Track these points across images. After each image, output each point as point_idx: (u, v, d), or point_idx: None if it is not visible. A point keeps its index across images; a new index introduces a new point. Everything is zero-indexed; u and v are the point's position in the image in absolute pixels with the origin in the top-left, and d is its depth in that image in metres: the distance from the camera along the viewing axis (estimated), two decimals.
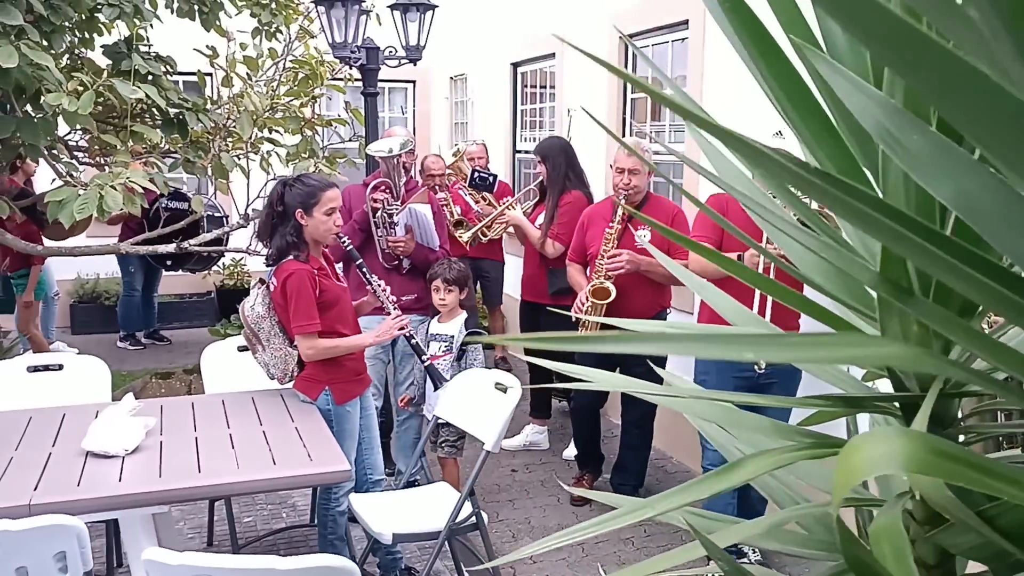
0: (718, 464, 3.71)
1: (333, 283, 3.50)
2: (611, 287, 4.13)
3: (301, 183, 3.41)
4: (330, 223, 3.41)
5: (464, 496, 3.31)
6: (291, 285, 3.34)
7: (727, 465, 1.00)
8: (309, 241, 3.41)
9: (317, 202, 3.37)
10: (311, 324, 3.36)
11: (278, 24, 5.17)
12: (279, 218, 3.41)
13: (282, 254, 3.39)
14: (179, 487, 2.68)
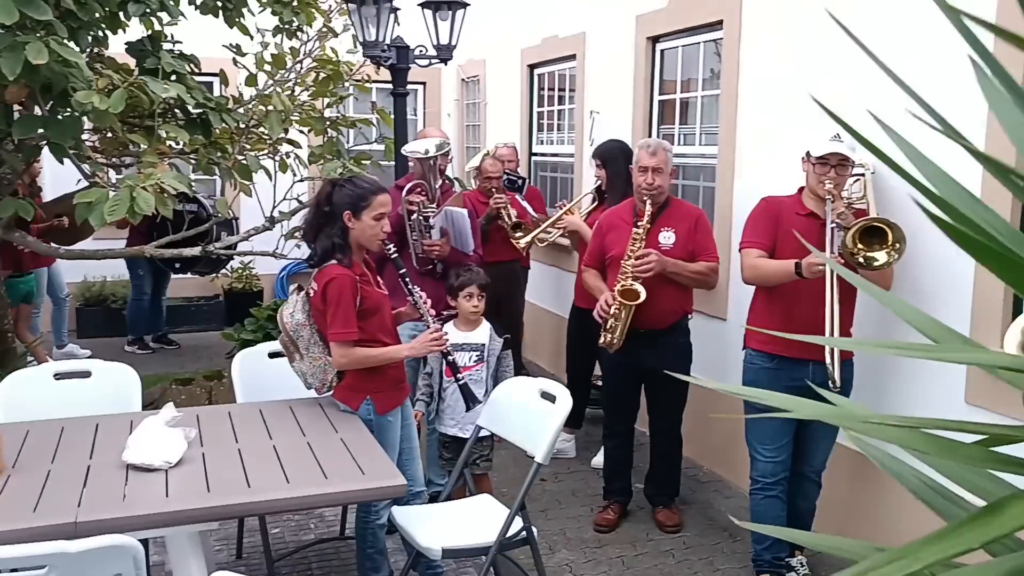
0: (770, 477, 3.65)
1: (375, 290, 3.39)
2: (640, 288, 4.02)
3: (352, 184, 3.30)
4: (378, 228, 3.30)
5: (515, 510, 3.20)
6: (332, 290, 3.23)
7: (989, 507, 0.89)
8: (354, 245, 3.30)
9: (368, 205, 3.26)
10: (349, 332, 3.24)
11: (300, 23, 5.05)
12: (325, 218, 3.30)
13: (326, 256, 3.28)
14: (231, 503, 2.57)
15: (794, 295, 3.57)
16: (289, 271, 9.05)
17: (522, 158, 7.37)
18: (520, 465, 5.17)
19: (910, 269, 3.59)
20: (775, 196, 3.78)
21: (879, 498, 3.93)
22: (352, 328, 3.22)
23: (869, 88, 3.90)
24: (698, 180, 5.38)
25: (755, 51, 4.63)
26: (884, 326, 3.83)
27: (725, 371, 4.96)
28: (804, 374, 3.61)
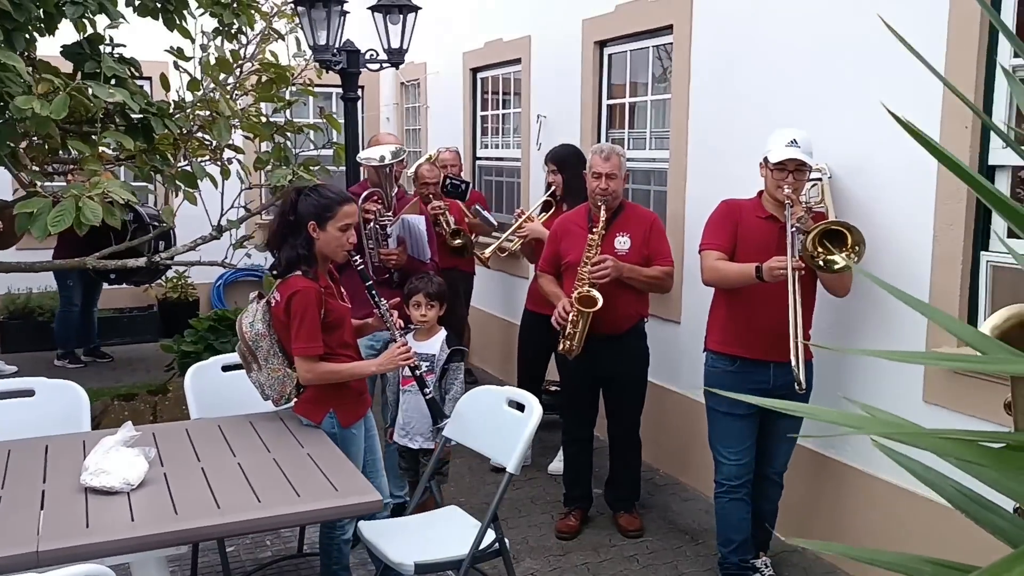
0: (735, 479, 3.67)
1: (339, 303, 3.31)
2: (597, 295, 4.02)
3: (317, 193, 3.22)
4: (344, 239, 3.23)
5: (488, 522, 3.15)
6: (297, 303, 3.13)
7: None
8: (319, 256, 3.21)
9: (333, 216, 3.18)
10: (314, 347, 3.15)
11: (240, 25, 4.92)
12: (290, 228, 3.20)
13: (291, 267, 3.18)
14: (201, 526, 2.46)
15: (755, 298, 3.60)
16: (226, 280, 8.84)
17: (465, 162, 7.32)
18: (475, 474, 5.13)
19: (870, 269, 3.64)
20: (735, 199, 3.81)
21: (837, 498, 3.99)
22: (317, 343, 3.13)
23: (820, 88, 3.97)
24: (648, 184, 5.40)
25: (706, 55, 4.67)
26: (840, 328, 3.90)
27: (678, 374, 5.00)
28: (766, 376, 3.65)
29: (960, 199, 3.34)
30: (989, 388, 3.23)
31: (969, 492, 1.19)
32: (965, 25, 3.29)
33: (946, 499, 1.18)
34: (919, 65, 3.54)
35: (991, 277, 3.34)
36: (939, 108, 3.42)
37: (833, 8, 3.89)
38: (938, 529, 3.51)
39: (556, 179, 4.91)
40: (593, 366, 4.19)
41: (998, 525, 1.14)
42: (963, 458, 1.00)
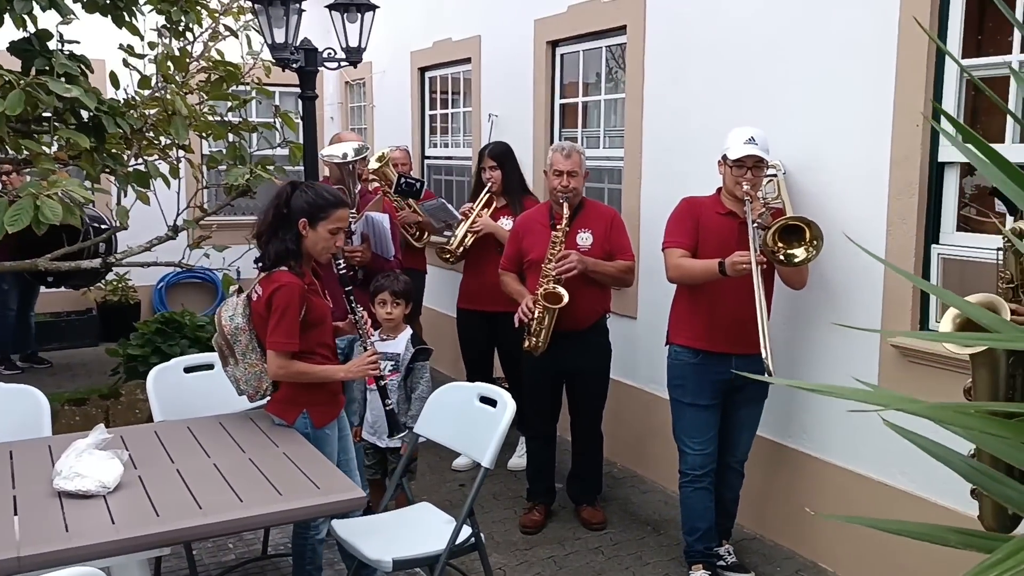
0: (699, 469, 3.76)
1: (321, 301, 3.29)
2: (563, 291, 4.07)
3: (314, 191, 3.19)
4: (332, 243, 3.21)
5: (464, 517, 3.17)
6: (279, 298, 3.10)
7: None
8: (305, 254, 3.19)
9: (326, 217, 3.17)
10: (290, 343, 3.13)
11: (188, 22, 4.85)
12: (281, 221, 3.17)
13: (279, 261, 3.15)
14: (184, 527, 2.43)
15: (716, 292, 3.69)
16: (168, 282, 8.67)
17: (415, 161, 7.31)
18: (436, 471, 5.15)
19: (825, 263, 3.77)
20: (695, 196, 3.89)
21: (794, 485, 4.11)
22: (294, 339, 3.11)
23: (773, 87, 4.08)
24: (603, 182, 5.47)
25: (660, 55, 4.75)
26: (798, 318, 4.01)
27: (635, 368, 5.08)
28: (728, 368, 3.74)
29: (912, 194, 3.48)
30: (942, 373, 3.38)
31: (980, 466, 1.26)
32: (915, 27, 3.42)
33: (957, 472, 1.24)
34: (871, 64, 3.68)
35: (942, 269, 3.48)
36: (891, 106, 3.55)
37: (785, 8, 4.00)
38: (889, 511, 3.65)
39: (495, 175, 4.93)
40: (556, 362, 4.24)
41: (1009, 496, 1.22)
42: (985, 431, 1.06)
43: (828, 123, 3.83)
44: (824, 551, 3.98)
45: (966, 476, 1.28)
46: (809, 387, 1.11)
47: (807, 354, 4.01)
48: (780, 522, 4.19)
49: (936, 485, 3.46)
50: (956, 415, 1.08)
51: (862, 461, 3.81)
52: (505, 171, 4.87)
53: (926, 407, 1.00)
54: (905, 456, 3.59)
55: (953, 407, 1.08)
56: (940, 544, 1.10)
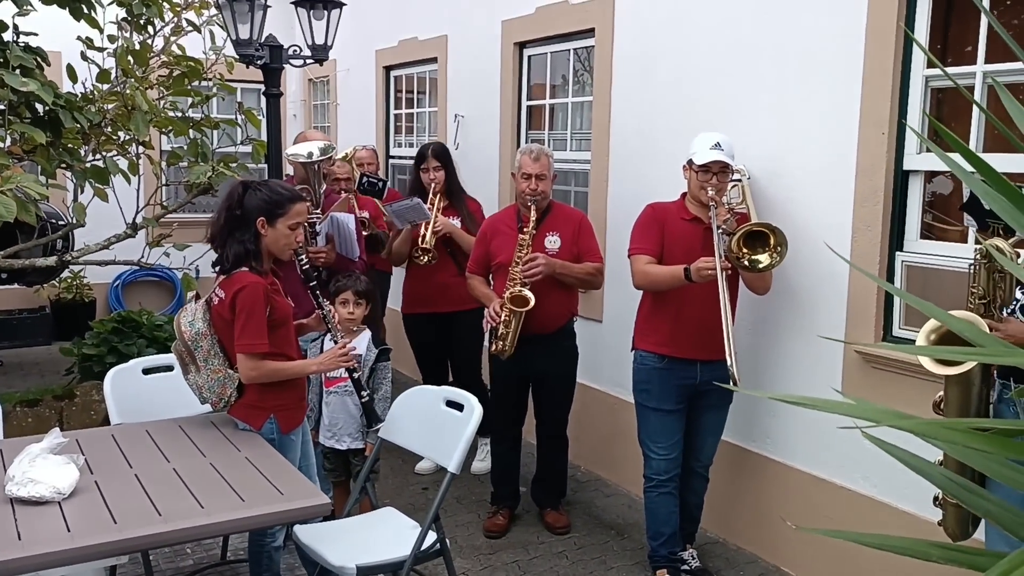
0: (663, 474, 3.76)
1: (284, 301, 3.23)
2: (530, 295, 4.05)
3: (268, 189, 3.13)
4: (292, 238, 3.16)
5: (429, 523, 3.13)
6: (243, 299, 3.04)
7: None
8: (264, 253, 3.13)
9: (284, 213, 3.11)
10: (260, 344, 3.06)
11: (150, 16, 4.75)
12: (237, 223, 3.10)
13: (238, 262, 3.09)
14: (143, 535, 2.36)
15: (682, 298, 3.69)
16: (125, 280, 8.50)
17: (379, 161, 7.24)
18: (399, 475, 5.10)
19: (789, 270, 3.79)
20: (660, 202, 3.89)
21: (759, 490, 4.12)
22: (263, 340, 3.05)
23: (739, 92, 4.10)
24: (569, 185, 5.46)
25: (628, 59, 4.75)
26: (758, 323, 4.03)
27: (600, 372, 5.08)
28: (693, 373, 3.75)
29: (877, 201, 3.51)
30: (904, 379, 3.41)
31: (958, 479, 1.26)
32: (882, 35, 3.45)
33: (936, 485, 1.24)
34: (838, 72, 3.71)
35: (905, 276, 3.52)
36: (856, 114, 3.58)
37: (752, 15, 4.02)
38: (852, 516, 3.68)
39: (439, 175, 4.87)
40: (523, 365, 4.22)
41: (985, 507, 1.21)
42: (969, 446, 1.06)
43: (795, 130, 3.85)
44: (787, 556, 4.01)
45: (943, 487, 1.28)
46: (793, 400, 1.09)
47: (771, 360, 4.03)
48: (744, 526, 4.21)
49: (898, 490, 3.50)
50: (945, 431, 1.08)
51: (825, 466, 3.84)
52: (448, 171, 4.84)
53: (918, 424, 0.99)
54: (868, 462, 3.62)
55: (942, 424, 1.07)
56: (922, 559, 1.10)
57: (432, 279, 4.82)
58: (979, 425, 1.04)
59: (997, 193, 1.03)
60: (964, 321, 1.15)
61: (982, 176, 1.06)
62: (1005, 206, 1.02)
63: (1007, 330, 2.52)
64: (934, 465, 1.27)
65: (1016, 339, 2.55)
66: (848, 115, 3.61)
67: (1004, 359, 1.26)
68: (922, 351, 1.95)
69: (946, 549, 1.09)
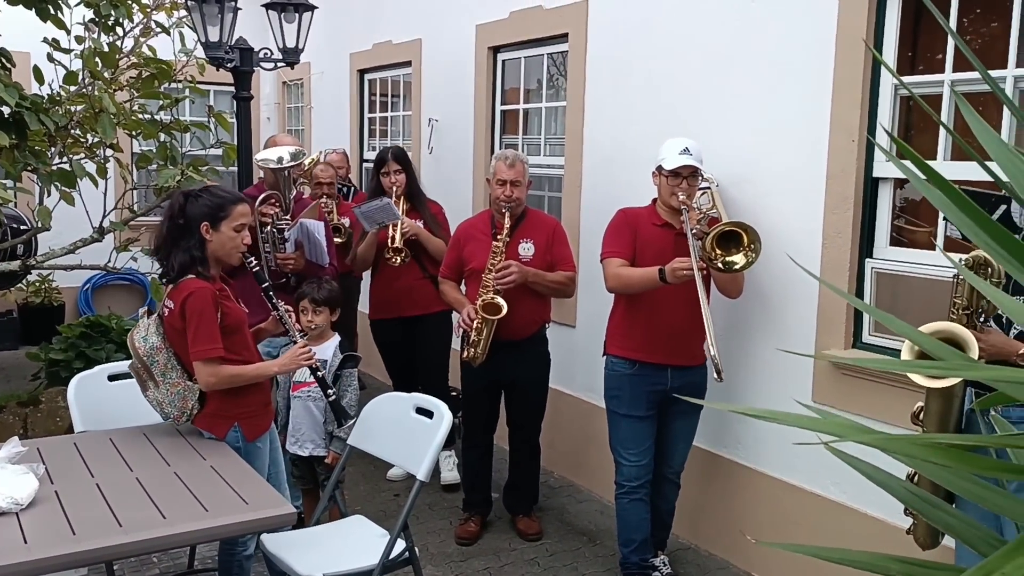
0: (635, 480, 3.74)
1: (235, 306, 3.19)
2: (502, 302, 4.04)
3: (209, 194, 3.10)
4: (238, 240, 3.12)
5: (398, 531, 3.10)
6: (192, 305, 3.00)
7: None
8: (211, 259, 3.09)
9: (227, 216, 3.07)
10: (214, 348, 3.03)
11: (118, 17, 4.69)
12: (180, 232, 3.06)
13: (184, 271, 3.05)
14: (103, 546, 2.32)
15: (654, 303, 3.69)
16: (95, 284, 8.40)
17: (353, 164, 7.21)
18: (370, 481, 5.06)
19: (760, 276, 3.79)
20: (631, 207, 3.89)
21: (729, 496, 4.13)
22: (217, 343, 3.01)
23: (711, 99, 4.11)
24: (543, 190, 5.45)
25: (601, 64, 4.75)
26: (733, 330, 4.03)
27: (573, 377, 5.07)
28: (664, 379, 3.74)
29: (847, 208, 3.52)
30: (873, 388, 3.42)
31: (920, 492, 1.25)
32: (851, 43, 3.47)
33: (897, 498, 1.23)
34: (807, 80, 3.72)
35: (875, 283, 3.53)
36: (827, 122, 3.59)
37: (724, 22, 4.02)
38: (822, 522, 3.69)
39: (400, 179, 4.81)
40: (495, 371, 4.20)
41: (948, 523, 1.21)
42: (930, 460, 1.05)
43: (766, 136, 3.86)
44: (757, 562, 4.01)
45: (906, 501, 1.27)
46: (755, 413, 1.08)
47: (743, 367, 4.03)
48: (715, 532, 4.21)
49: (868, 497, 3.50)
50: (906, 445, 1.07)
51: (795, 472, 3.85)
52: (408, 174, 4.81)
53: (880, 439, 0.98)
54: (838, 469, 3.62)
55: (904, 439, 1.07)
56: (882, 574, 1.09)
57: (398, 283, 4.78)
58: (941, 440, 1.04)
59: (954, 206, 1.02)
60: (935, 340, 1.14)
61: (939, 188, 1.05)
62: (959, 218, 1.01)
63: (989, 340, 2.53)
64: (897, 478, 1.26)
65: (997, 349, 2.56)
66: (819, 122, 3.62)
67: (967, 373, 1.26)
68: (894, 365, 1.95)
69: (907, 564, 1.08)
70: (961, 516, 1.18)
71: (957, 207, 1.08)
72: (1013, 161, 1.09)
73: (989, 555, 1.13)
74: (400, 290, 4.78)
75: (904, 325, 1.17)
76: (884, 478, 1.25)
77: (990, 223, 1.06)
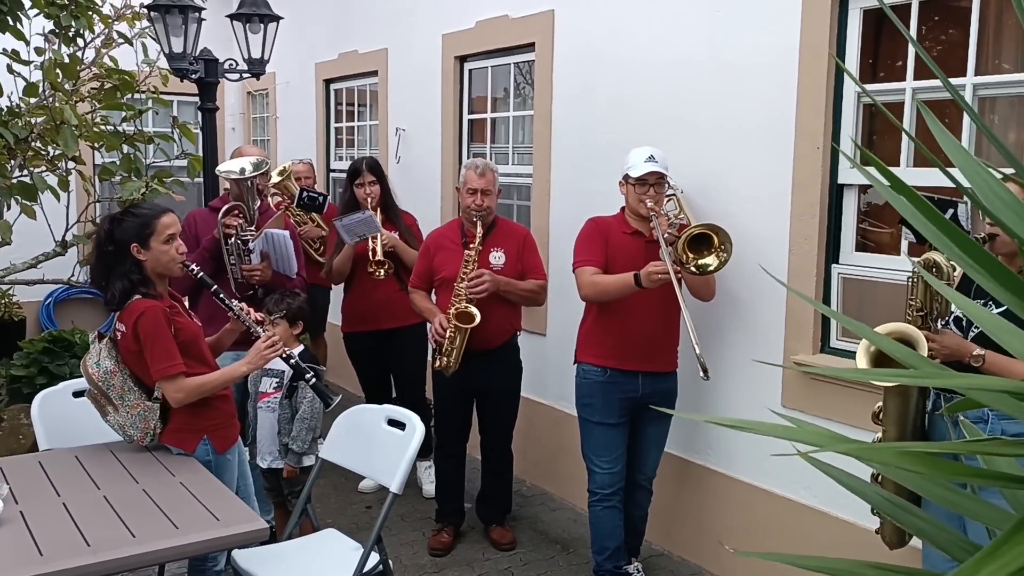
0: (607, 488, 3.75)
1: (187, 320, 3.14)
2: (475, 311, 4.03)
3: (131, 215, 3.05)
4: (172, 252, 3.06)
5: (371, 544, 3.07)
6: (144, 325, 2.95)
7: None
8: (153, 276, 3.05)
9: (152, 232, 3.02)
10: (175, 364, 2.98)
11: (79, 28, 4.63)
12: (112, 259, 3.02)
13: (127, 295, 3.00)
14: (71, 567, 2.28)
15: (626, 310, 3.70)
16: (57, 298, 8.27)
17: (320, 175, 7.17)
18: (341, 492, 5.02)
19: (730, 282, 3.82)
20: (600, 216, 3.90)
21: (701, 501, 4.15)
22: (176, 359, 2.97)
23: (676, 108, 4.14)
24: (512, 199, 5.46)
25: (568, 73, 4.77)
26: (704, 334, 4.04)
27: (544, 386, 5.07)
28: (635, 386, 3.76)
29: (814, 215, 3.56)
30: (841, 391, 3.46)
31: (892, 497, 1.27)
32: (815, 51, 3.51)
33: (870, 503, 1.25)
34: (773, 88, 3.75)
35: (842, 288, 3.57)
36: (792, 130, 3.63)
37: (690, 31, 4.06)
38: (794, 526, 3.72)
39: (374, 189, 4.78)
40: (467, 380, 4.19)
41: (918, 526, 1.22)
42: (902, 467, 1.06)
43: (733, 145, 3.89)
44: (730, 567, 4.03)
45: (878, 507, 1.28)
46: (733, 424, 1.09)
47: (716, 370, 4.02)
48: (687, 538, 4.22)
49: (837, 500, 3.54)
50: (878, 454, 1.08)
51: (766, 476, 3.87)
52: (382, 185, 4.79)
53: (857, 448, 0.99)
54: (809, 474, 3.65)
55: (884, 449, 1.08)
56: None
57: (374, 295, 4.74)
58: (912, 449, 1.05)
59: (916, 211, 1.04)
60: (894, 342, 1.16)
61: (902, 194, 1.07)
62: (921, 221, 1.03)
63: (943, 342, 2.56)
64: (869, 485, 1.27)
65: (951, 351, 2.60)
66: (784, 130, 3.66)
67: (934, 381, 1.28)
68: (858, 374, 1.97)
69: (883, 571, 1.09)
70: (929, 519, 1.20)
71: (919, 212, 1.10)
72: (974, 168, 1.11)
73: (955, 555, 1.15)
74: (378, 302, 4.74)
75: (865, 328, 1.19)
76: (858, 484, 1.26)
77: (948, 226, 1.08)
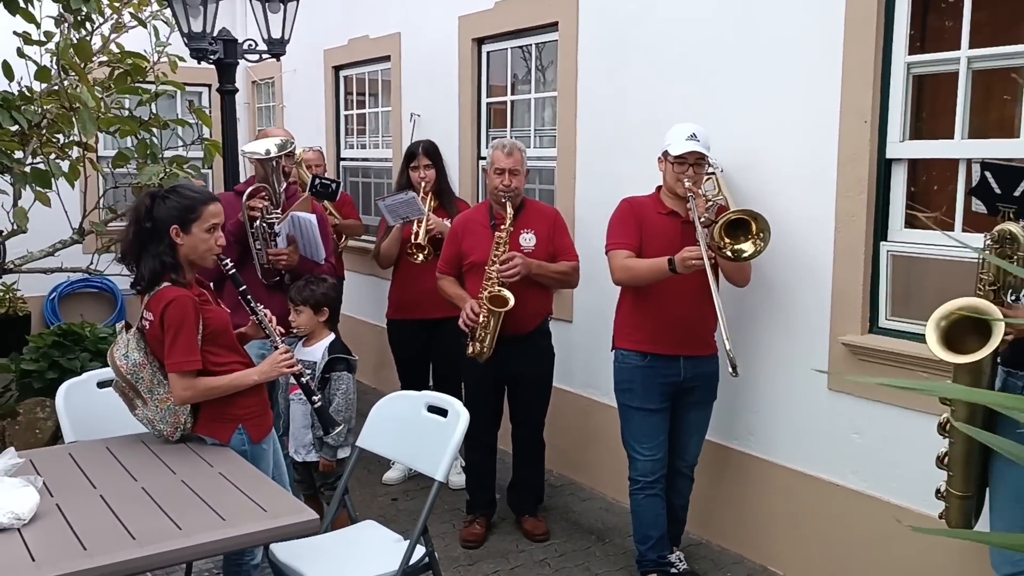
0: (650, 475, 3.64)
1: (216, 309, 3.00)
2: (509, 294, 3.91)
3: (177, 195, 2.90)
4: (212, 242, 2.92)
5: (417, 536, 2.96)
6: (172, 314, 2.81)
7: None
8: (184, 263, 2.91)
9: (198, 217, 2.88)
10: (191, 360, 2.84)
11: (88, 11, 4.50)
12: (148, 236, 2.87)
13: (156, 278, 2.86)
14: (119, 560, 2.16)
15: (663, 294, 3.59)
16: (61, 292, 8.12)
17: (330, 163, 7.04)
18: (366, 485, 4.91)
19: (771, 262, 3.71)
20: (635, 196, 3.79)
21: (742, 488, 4.04)
22: (195, 356, 2.83)
23: (709, 86, 4.03)
24: (535, 183, 5.34)
25: (593, 53, 4.65)
26: (739, 318, 3.94)
27: (572, 373, 4.95)
28: (676, 370, 3.66)
29: (861, 191, 3.45)
30: (893, 372, 3.36)
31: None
32: (861, 23, 3.40)
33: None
34: (816, 62, 3.64)
35: (891, 266, 3.47)
36: (837, 103, 3.52)
37: (723, 5, 3.94)
38: (841, 512, 3.62)
39: (429, 174, 4.69)
40: (499, 367, 4.07)
41: None
42: None
43: (772, 121, 3.78)
44: (774, 554, 3.93)
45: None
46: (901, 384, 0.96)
47: (755, 354, 3.94)
48: (727, 526, 4.12)
49: (888, 484, 3.45)
50: None
51: (810, 461, 3.77)
52: (438, 170, 4.67)
53: None
54: (856, 456, 3.56)
55: None
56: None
57: (420, 284, 4.61)
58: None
59: None
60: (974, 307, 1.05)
61: None
62: None
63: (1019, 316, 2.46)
64: None
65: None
66: (828, 105, 3.55)
67: None
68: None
69: None
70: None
71: None
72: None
73: None
74: (422, 292, 4.60)
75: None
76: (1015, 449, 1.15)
77: None
